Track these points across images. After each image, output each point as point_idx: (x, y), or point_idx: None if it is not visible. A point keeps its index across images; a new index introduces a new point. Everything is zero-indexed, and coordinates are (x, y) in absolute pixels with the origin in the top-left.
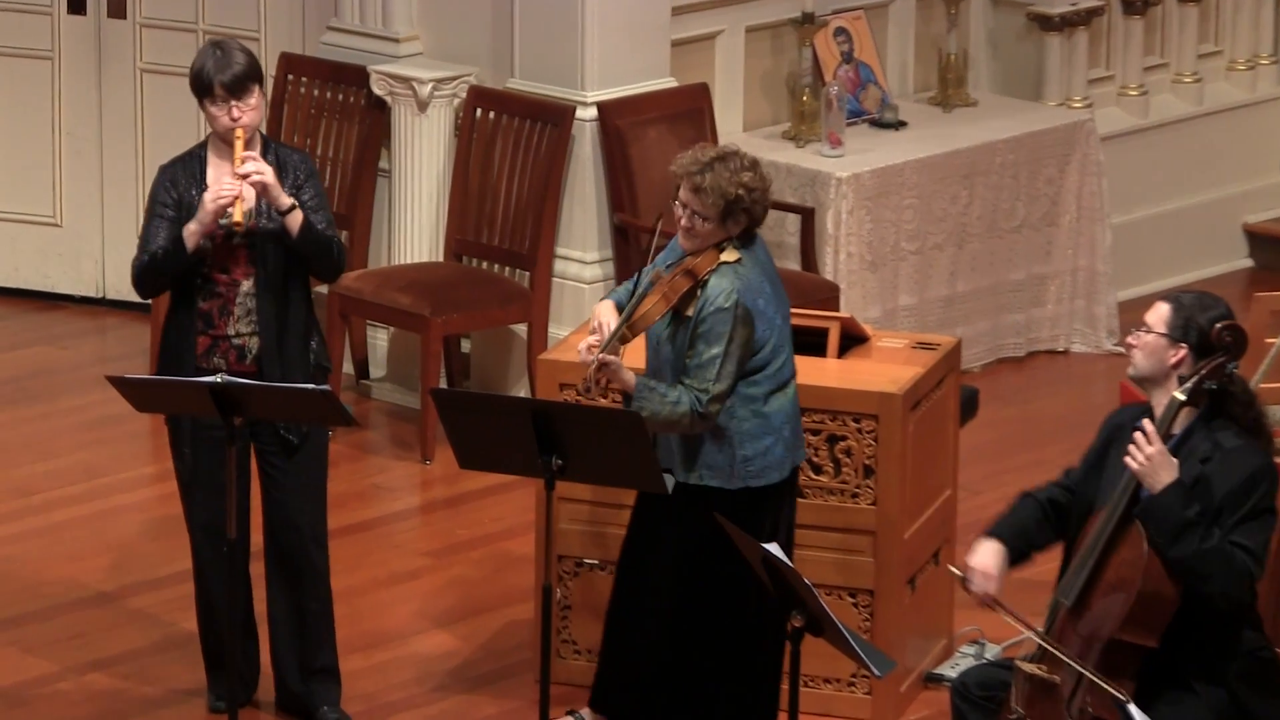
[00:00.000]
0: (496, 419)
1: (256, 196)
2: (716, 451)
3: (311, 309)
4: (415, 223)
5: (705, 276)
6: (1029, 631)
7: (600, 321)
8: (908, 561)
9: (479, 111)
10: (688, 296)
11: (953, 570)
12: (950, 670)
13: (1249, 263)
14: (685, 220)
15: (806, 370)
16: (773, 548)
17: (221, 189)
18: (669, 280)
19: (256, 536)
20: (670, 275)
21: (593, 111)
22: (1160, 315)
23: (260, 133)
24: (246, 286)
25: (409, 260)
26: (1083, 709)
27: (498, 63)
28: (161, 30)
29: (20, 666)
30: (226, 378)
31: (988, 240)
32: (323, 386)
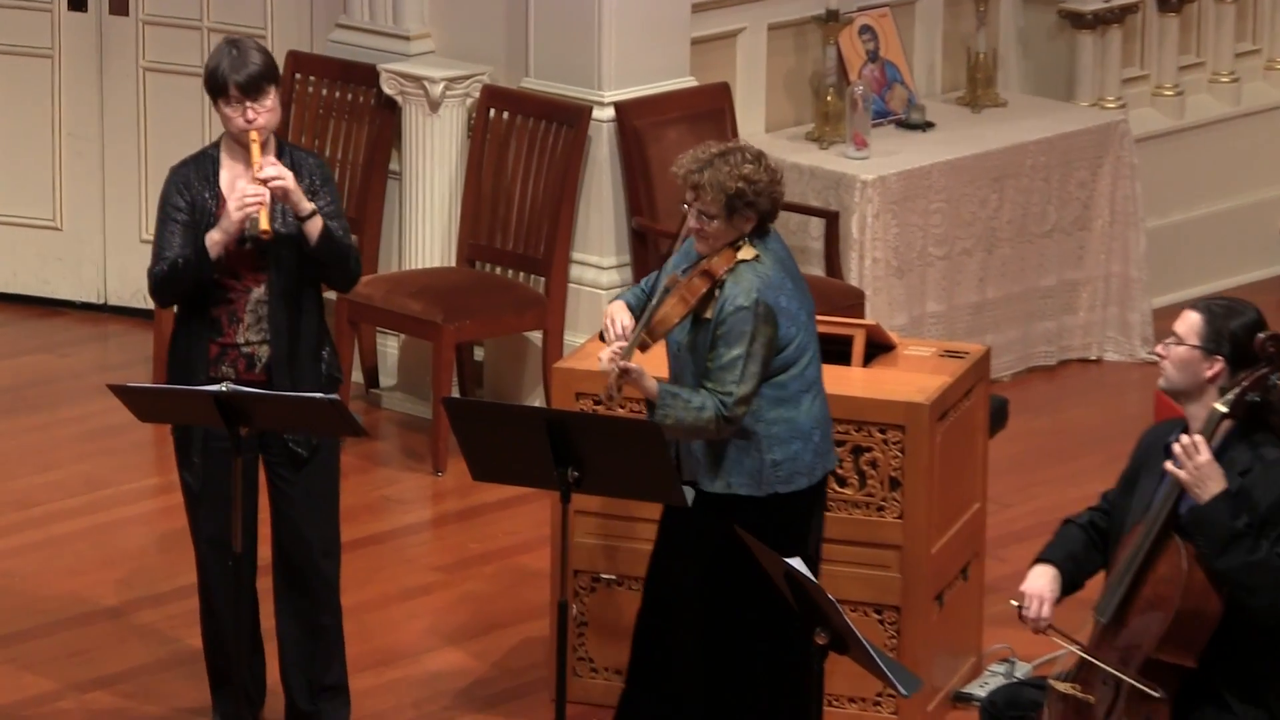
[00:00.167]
0: (510, 429)
1: (274, 201)
2: (743, 457)
3: (324, 317)
4: (427, 226)
5: (723, 276)
6: (1094, 660)
7: (613, 319)
8: (935, 577)
9: (493, 112)
10: (706, 298)
11: (1012, 603)
12: (979, 689)
13: None
14: (694, 221)
15: (831, 379)
16: (795, 562)
17: (246, 197)
18: (686, 282)
19: (264, 550)
20: (687, 277)
21: (610, 112)
22: (1191, 325)
23: (274, 134)
24: (258, 293)
25: (420, 265)
26: None
27: (512, 61)
28: (165, 27)
29: (19, 685)
30: (232, 386)
31: (1018, 245)
32: (331, 395)
